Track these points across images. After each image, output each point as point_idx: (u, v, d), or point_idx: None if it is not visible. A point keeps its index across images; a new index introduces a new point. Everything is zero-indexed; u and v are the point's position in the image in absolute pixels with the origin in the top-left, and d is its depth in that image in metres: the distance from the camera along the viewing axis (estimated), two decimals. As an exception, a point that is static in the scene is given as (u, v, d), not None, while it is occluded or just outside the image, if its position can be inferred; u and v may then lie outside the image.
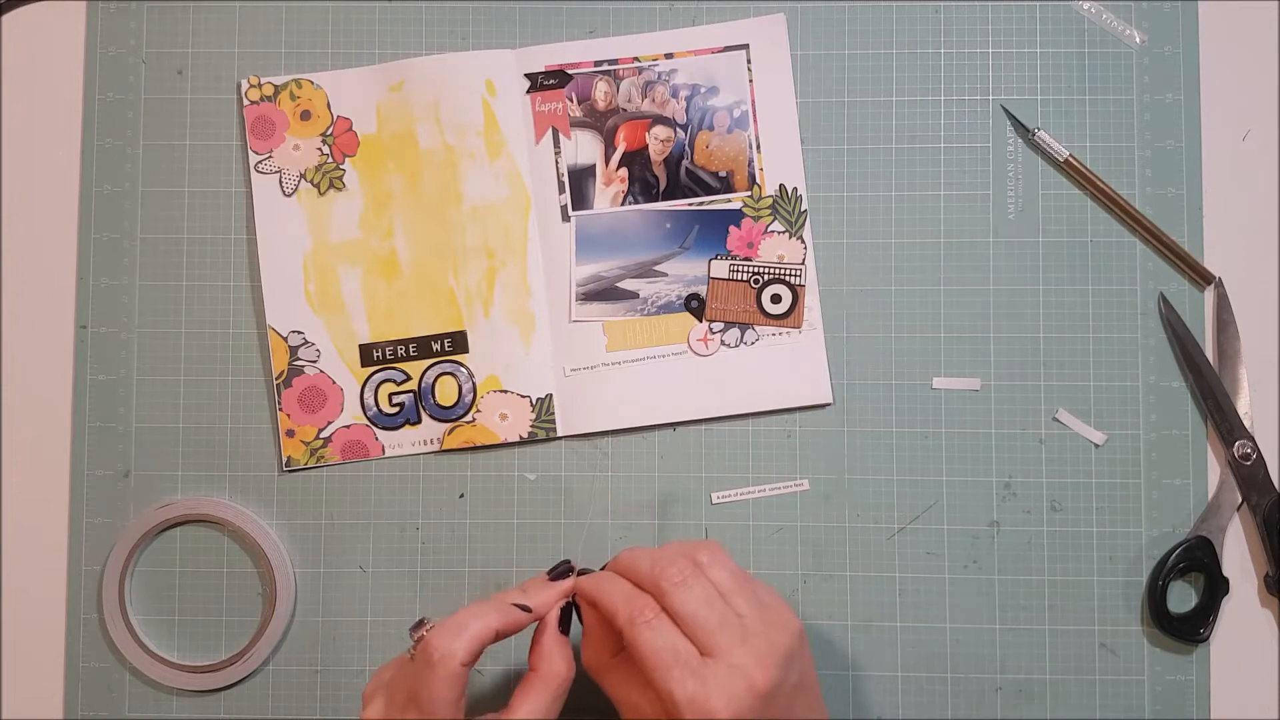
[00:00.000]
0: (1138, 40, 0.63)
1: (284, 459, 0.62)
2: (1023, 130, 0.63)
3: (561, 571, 0.53)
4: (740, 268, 0.63)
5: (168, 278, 0.63)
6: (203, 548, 0.62)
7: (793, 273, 0.62)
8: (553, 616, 0.52)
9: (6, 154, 0.64)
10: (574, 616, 0.52)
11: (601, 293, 0.63)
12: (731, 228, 0.63)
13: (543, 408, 0.62)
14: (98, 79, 0.64)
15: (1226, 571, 0.60)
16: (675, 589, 0.48)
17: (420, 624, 0.50)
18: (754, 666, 0.46)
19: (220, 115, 0.64)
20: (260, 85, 0.63)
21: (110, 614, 0.61)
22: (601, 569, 0.52)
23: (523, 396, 0.62)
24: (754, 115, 0.63)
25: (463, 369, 0.62)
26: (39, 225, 0.64)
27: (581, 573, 0.53)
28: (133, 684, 0.62)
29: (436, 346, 0.63)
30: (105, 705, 0.62)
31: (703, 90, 0.63)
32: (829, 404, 0.62)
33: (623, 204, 0.63)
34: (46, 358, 0.63)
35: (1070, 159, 0.62)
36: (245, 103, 0.63)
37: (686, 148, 0.63)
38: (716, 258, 0.63)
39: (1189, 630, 0.60)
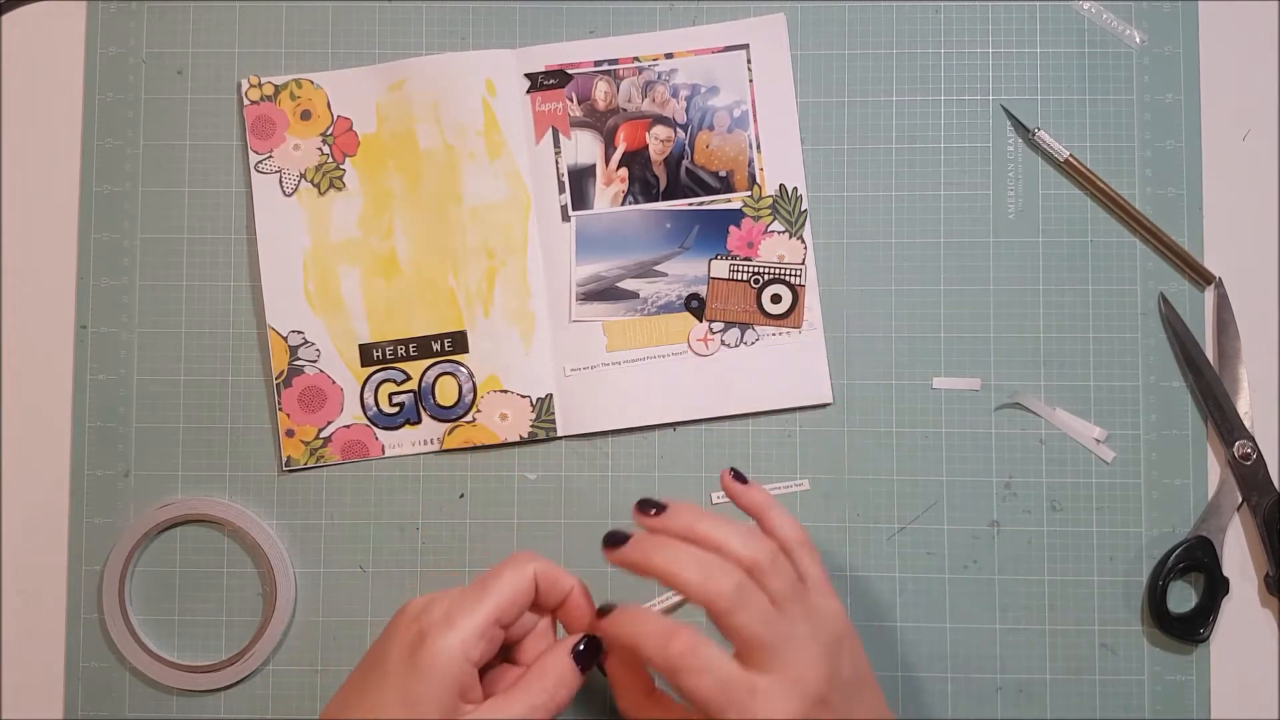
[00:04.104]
0: (1138, 40, 0.63)
1: (284, 459, 0.62)
2: (1023, 130, 0.63)
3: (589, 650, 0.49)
4: (740, 268, 0.63)
5: (168, 278, 0.63)
6: (203, 548, 0.62)
7: (793, 273, 0.62)
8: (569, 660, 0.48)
9: (6, 154, 0.64)
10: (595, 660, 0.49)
11: (601, 293, 0.63)
12: (731, 228, 0.63)
13: (543, 408, 0.62)
14: (98, 79, 0.64)
15: (1226, 571, 0.60)
16: (734, 608, 0.45)
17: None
18: (807, 674, 0.45)
19: (220, 115, 0.64)
20: (260, 85, 0.63)
21: (110, 614, 0.61)
22: (610, 541, 0.49)
23: (523, 396, 0.62)
24: (754, 115, 0.63)
25: (463, 369, 0.62)
26: (39, 225, 0.64)
27: (602, 611, 0.48)
28: (133, 684, 0.62)
29: (436, 346, 0.63)
30: (105, 705, 0.62)
31: (703, 90, 0.63)
32: (829, 404, 0.62)
33: (623, 204, 0.63)
34: (46, 358, 0.63)
35: (1070, 159, 0.62)
36: (245, 102, 0.63)
37: (686, 147, 0.63)
38: (717, 258, 0.63)
39: (1189, 630, 0.60)
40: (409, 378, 0.62)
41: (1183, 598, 0.61)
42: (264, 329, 0.63)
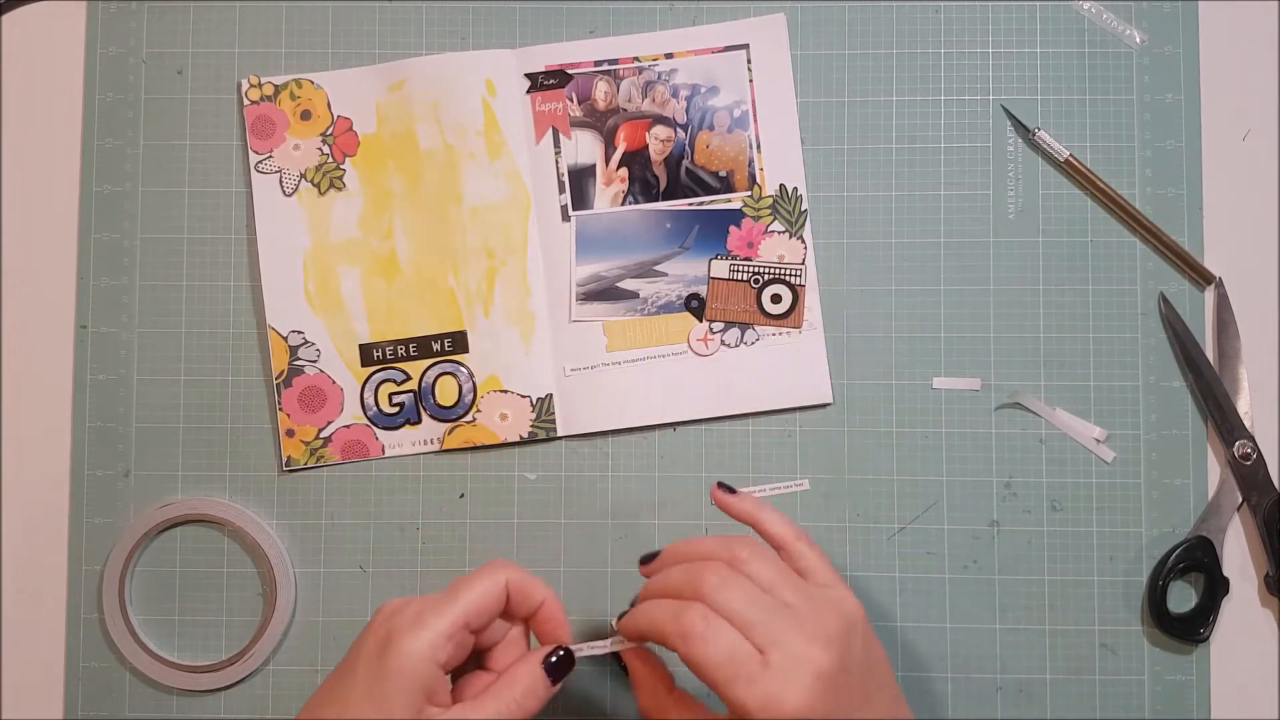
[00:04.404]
0: (1138, 40, 0.63)
1: (284, 459, 0.62)
2: (1023, 130, 0.63)
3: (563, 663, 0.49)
4: (740, 268, 0.63)
5: (168, 278, 0.63)
6: (203, 548, 0.62)
7: (793, 273, 0.62)
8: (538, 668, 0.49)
9: (6, 154, 0.64)
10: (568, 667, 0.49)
11: (601, 293, 0.63)
12: (732, 227, 0.63)
13: (543, 408, 0.62)
14: (98, 79, 0.64)
15: (1226, 571, 0.60)
16: (716, 591, 0.46)
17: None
18: (813, 651, 0.45)
19: (220, 115, 0.64)
20: (260, 85, 0.63)
21: (110, 614, 0.61)
22: (633, 603, 0.50)
23: (523, 396, 0.62)
24: (754, 115, 0.63)
25: (463, 369, 0.62)
26: (39, 225, 0.64)
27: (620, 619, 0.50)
28: (133, 684, 0.62)
29: (436, 346, 0.63)
30: (105, 705, 0.62)
31: (703, 90, 0.63)
32: (829, 404, 0.62)
33: (623, 204, 0.63)
34: (46, 358, 0.63)
35: (1070, 159, 0.62)
36: (245, 102, 0.63)
37: (687, 147, 0.63)
38: (717, 258, 0.63)
39: (1189, 630, 0.60)
40: (409, 378, 0.63)
41: (1183, 598, 0.61)
42: (264, 329, 0.63)
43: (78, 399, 0.63)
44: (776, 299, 0.62)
